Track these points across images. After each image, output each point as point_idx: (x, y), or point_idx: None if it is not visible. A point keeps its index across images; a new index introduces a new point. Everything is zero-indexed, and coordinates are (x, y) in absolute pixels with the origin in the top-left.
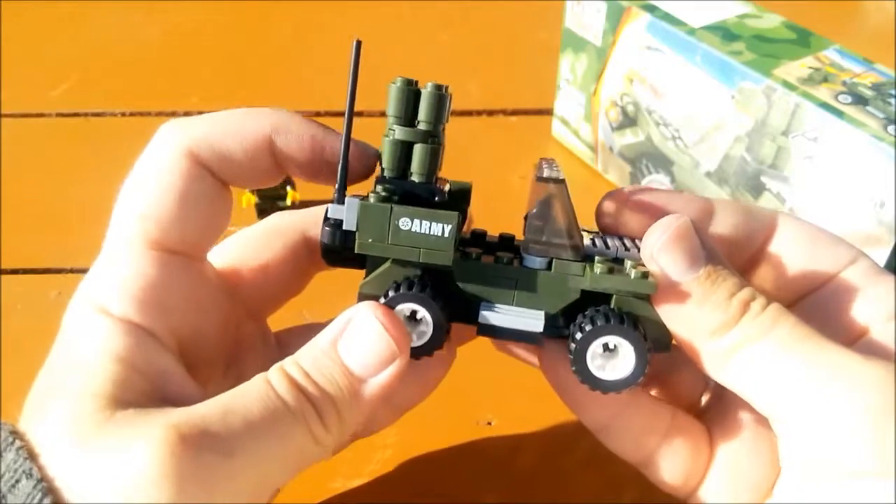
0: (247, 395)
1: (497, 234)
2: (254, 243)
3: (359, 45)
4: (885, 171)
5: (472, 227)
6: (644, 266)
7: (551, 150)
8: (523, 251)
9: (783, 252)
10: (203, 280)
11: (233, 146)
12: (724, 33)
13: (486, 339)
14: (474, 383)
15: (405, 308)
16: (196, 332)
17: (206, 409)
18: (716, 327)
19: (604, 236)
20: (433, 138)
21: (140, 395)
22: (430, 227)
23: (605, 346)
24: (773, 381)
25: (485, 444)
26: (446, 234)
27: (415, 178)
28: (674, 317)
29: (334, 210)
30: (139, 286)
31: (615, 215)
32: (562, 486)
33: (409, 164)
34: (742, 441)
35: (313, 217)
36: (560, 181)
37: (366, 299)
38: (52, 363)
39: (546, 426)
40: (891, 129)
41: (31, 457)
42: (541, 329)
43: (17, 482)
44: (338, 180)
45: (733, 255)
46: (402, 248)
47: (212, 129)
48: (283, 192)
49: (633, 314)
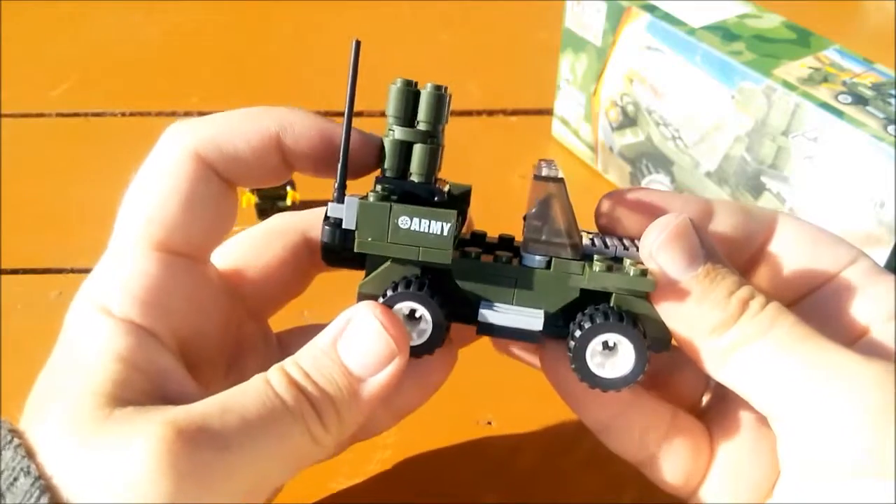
0: (245, 394)
1: (497, 235)
2: (255, 244)
3: (358, 45)
4: (885, 171)
5: (471, 228)
6: (643, 264)
7: (551, 150)
8: (522, 250)
9: (783, 252)
10: (205, 281)
11: (240, 146)
12: (724, 33)
13: (486, 339)
14: (474, 383)
15: (404, 307)
16: (198, 332)
17: (204, 407)
18: (715, 325)
19: (603, 236)
20: (432, 138)
21: (140, 394)
22: (429, 226)
23: (605, 344)
24: (772, 379)
25: (485, 444)
26: (445, 233)
27: (414, 178)
28: (673, 315)
29: (334, 209)
30: (142, 287)
31: (614, 215)
32: (562, 486)
33: (408, 164)
34: (743, 441)
35: (314, 218)
36: (559, 180)
37: (365, 299)
38: (53, 363)
39: (546, 426)
40: (891, 129)
41: (29, 455)
42: (540, 327)
43: (16, 480)
44: (337, 179)
45: (733, 255)
46: (402, 246)
47: (218, 129)
48: (283, 192)
49: (633, 312)
